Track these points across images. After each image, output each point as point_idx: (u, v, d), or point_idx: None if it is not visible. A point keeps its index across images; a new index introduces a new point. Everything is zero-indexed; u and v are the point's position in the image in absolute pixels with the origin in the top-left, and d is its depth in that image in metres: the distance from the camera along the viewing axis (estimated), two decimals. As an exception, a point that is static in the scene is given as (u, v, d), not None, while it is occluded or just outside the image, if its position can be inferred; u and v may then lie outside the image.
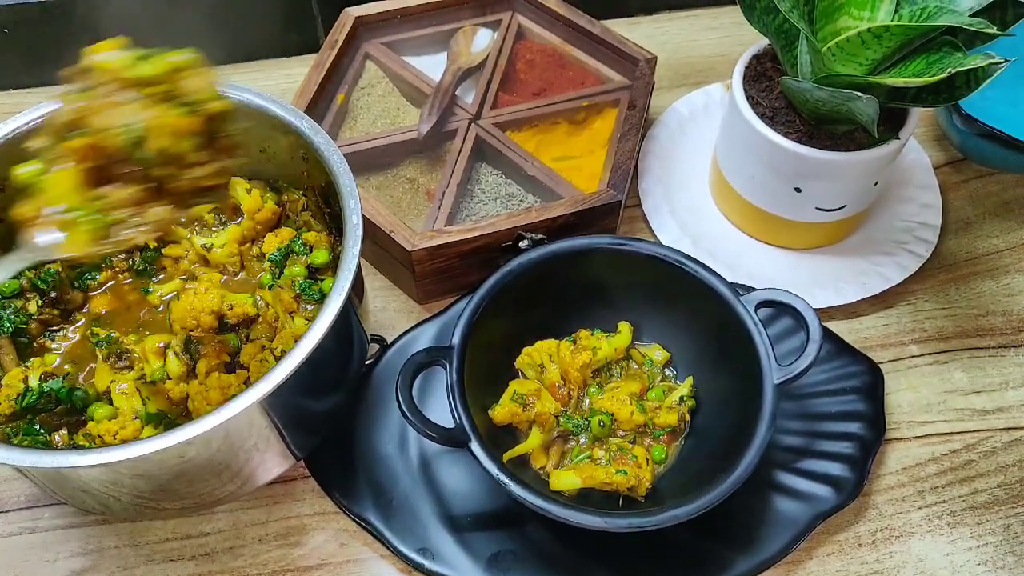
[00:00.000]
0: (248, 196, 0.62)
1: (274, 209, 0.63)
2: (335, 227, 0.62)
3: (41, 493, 0.61)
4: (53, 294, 0.59)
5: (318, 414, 0.59)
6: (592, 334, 0.63)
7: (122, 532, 0.60)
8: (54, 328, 0.60)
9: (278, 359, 0.53)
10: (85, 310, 0.61)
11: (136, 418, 0.54)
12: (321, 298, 0.59)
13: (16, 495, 0.61)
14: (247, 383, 0.55)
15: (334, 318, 0.50)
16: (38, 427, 0.54)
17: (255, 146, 0.62)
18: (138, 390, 0.55)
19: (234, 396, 0.52)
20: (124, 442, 0.52)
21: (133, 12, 0.82)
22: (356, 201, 0.54)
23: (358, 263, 0.52)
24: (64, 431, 0.55)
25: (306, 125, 0.58)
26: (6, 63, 0.84)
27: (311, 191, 0.62)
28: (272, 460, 0.56)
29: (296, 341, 0.49)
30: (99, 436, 0.53)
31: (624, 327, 0.64)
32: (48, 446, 0.54)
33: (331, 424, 0.61)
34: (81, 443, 0.54)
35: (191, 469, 0.51)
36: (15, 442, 0.53)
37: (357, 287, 0.55)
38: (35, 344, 0.59)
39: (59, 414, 0.55)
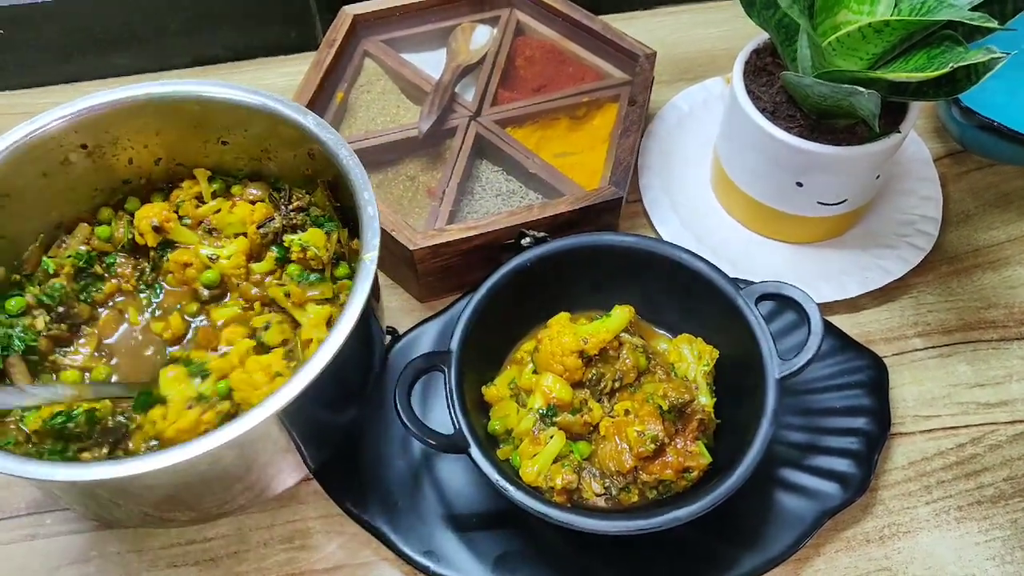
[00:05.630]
0: (237, 210, 0.61)
1: (266, 208, 0.61)
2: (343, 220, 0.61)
3: (43, 499, 0.61)
4: (60, 309, 0.57)
5: (338, 423, 0.58)
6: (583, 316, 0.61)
7: (125, 538, 0.60)
8: (64, 344, 0.58)
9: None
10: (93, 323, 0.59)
11: (189, 407, 0.52)
12: (319, 280, 0.58)
13: (18, 501, 0.61)
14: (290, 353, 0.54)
15: (358, 317, 0.49)
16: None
17: (256, 146, 0.61)
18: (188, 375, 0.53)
19: (278, 374, 0.52)
20: (181, 431, 0.50)
21: (130, 11, 0.82)
22: (370, 192, 0.53)
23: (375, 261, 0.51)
24: (104, 449, 0.52)
25: (311, 121, 0.57)
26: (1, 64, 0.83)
27: (323, 187, 0.61)
28: (286, 472, 0.55)
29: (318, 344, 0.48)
30: (152, 423, 0.52)
31: (620, 310, 0.59)
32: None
33: (348, 432, 0.60)
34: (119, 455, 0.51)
35: (201, 482, 0.50)
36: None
37: (374, 286, 0.53)
38: (46, 362, 0.57)
39: (88, 435, 0.52)
